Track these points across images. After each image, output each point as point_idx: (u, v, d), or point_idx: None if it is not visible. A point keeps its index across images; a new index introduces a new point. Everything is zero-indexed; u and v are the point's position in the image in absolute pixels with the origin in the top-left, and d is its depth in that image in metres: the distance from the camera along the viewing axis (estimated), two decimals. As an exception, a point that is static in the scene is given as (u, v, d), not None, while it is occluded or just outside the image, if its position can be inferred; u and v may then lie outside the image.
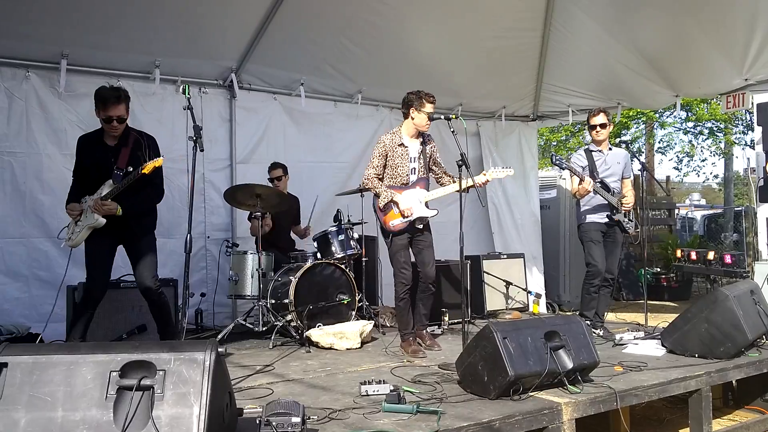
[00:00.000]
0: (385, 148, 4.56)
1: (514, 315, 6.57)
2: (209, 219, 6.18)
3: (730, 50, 5.82)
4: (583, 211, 5.25)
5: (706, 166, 14.18)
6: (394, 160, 4.57)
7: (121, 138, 4.05)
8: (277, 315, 4.96)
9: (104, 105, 3.90)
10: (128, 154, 4.00)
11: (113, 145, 4.04)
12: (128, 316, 4.73)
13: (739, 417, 4.12)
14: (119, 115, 3.94)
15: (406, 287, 4.51)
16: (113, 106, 3.91)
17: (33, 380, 2.10)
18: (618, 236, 5.26)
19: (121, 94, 3.96)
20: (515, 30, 6.40)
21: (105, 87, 4.08)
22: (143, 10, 5.13)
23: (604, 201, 5.11)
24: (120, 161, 3.99)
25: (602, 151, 5.29)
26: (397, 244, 4.55)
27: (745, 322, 3.93)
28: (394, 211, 4.53)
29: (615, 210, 5.13)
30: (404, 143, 4.61)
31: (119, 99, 3.93)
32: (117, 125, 3.97)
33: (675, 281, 9.96)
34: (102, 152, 4.02)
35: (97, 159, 4.02)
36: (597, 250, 5.13)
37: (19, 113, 5.26)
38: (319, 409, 2.88)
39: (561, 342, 3.22)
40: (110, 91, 3.98)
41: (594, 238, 5.16)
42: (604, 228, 5.19)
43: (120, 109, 3.94)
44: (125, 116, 4.00)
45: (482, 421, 2.72)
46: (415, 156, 4.63)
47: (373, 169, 4.58)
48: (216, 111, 6.29)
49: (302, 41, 6.00)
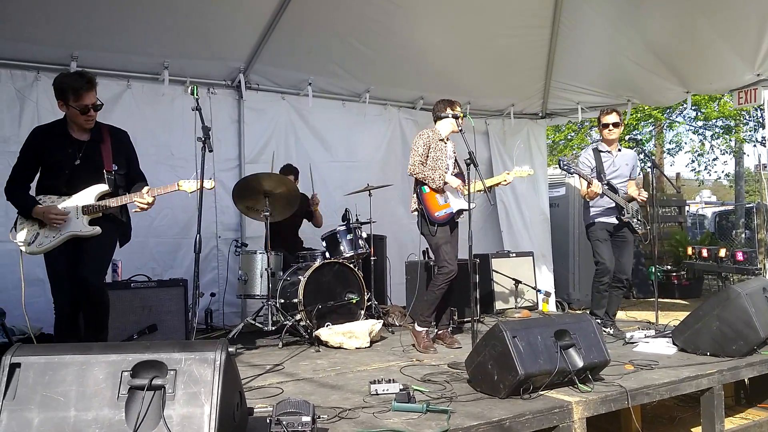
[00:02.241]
0: (428, 139, 4.67)
1: (524, 313, 6.55)
2: (220, 219, 6.21)
3: (742, 45, 5.77)
4: (592, 213, 5.26)
5: (717, 165, 14.03)
6: (436, 152, 4.66)
7: (94, 132, 3.68)
8: (286, 314, 4.97)
9: (76, 94, 3.51)
10: (110, 152, 3.67)
11: (86, 140, 3.65)
12: (139, 316, 4.75)
13: (752, 415, 4.08)
14: (94, 102, 3.58)
15: (449, 278, 4.52)
16: (87, 93, 3.54)
17: (46, 380, 2.11)
18: (629, 236, 5.26)
19: (91, 79, 3.59)
20: (524, 27, 6.38)
21: (67, 74, 3.76)
22: (152, 12, 5.16)
23: (612, 203, 5.12)
24: (105, 161, 3.64)
25: (611, 152, 5.29)
26: (441, 236, 4.60)
27: (758, 319, 3.90)
28: (439, 202, 4.61)
29: (624, 211, 5.14)
30: (443, 140, 4.74)
31: (91, 84, 3.57)
32: (94, 114, 3.62)
33: (686, 279, 9.91)
34: (73, 147, 3.60)
35: (67, 155, 3.59)
36: (604, 248, 5.16)
37: (31, 115, 5.29)
38: (329, 408, 2.88)
39: (571, 341, 3.21)
40: (79, 77, 3.59)
41: (600, 237, 5.19)
42: (611, 228, 5.21)
43: (94, 96, 3.58)
44: (100, 103, 3.64)
45: (492, 420, 2.71)
46: (450, 154, 4.78)
47: (418, 157, 4.64)
48: (224, 111, 6.32)
49: (310, 41, 6.01)
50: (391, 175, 6.96)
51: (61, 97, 3.56)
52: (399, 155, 7.29)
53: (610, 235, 5.23)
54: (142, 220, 5.67)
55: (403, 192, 6.92)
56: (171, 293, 4.88)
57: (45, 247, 3.57)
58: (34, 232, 3.59)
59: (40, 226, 3.59)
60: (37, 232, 3.59)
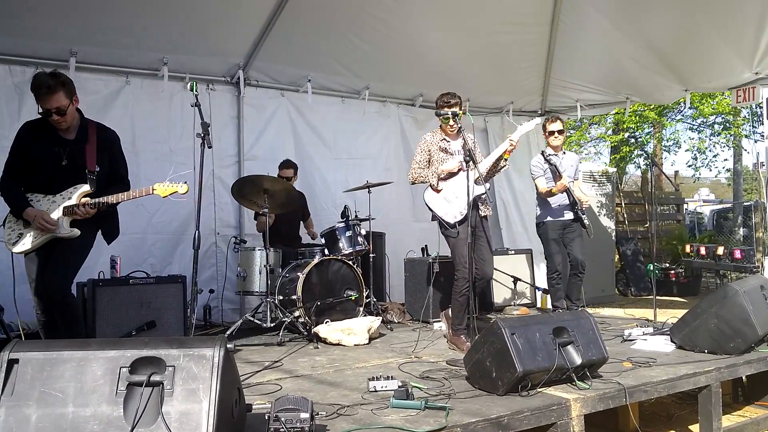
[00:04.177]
0: (427, 145, 4.64)
1: (522, 311, 6.55)
2: (218, 215, 6.21)
3: (740, 44, 5.78)
4: (541, 212, 5.73)
5: (718, 162, 14.00)
6: (438, 155, 4.61)
7: (80, 131, 3.61)
8: (285, 311, 4.97)
9: (37, 96, 3.41)
10: (95, 152, 3.60)
11: (71, 139, 3.59)
12: (137, 312, 4.75)
13: (749, 413, 4.09)
14: (57, 106, 3.43)
15: (467, 282, 4.32)
16: (46, 98, 3.40)
17: (44, 376, 2.11)
18: (579, 229, 5.65)
19: (53, 83, 3.41)
20: (523, 25, 6.38)
21: (41, 73, 3.64)
22: (151, 8, 5.15)
23: (566, 200, 5.57)
24: (88, 162, 3.57)
25: (557, 155, 5.70)
26: (454, 237, 4.46)
27: (755, 317, 3.90)
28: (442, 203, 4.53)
29: (577, 206, 5.58)
30: (446, 139, 4.67)
31: (51, 89, 3.39)
32: (58, 118, 3.48)
33: (684, 276, 9.92)
34: (59, 146, 3.56)
35: (53, 154, 3.54)
36: (555, 246, 5.63)
37: (29, 111, 5.26)
38: (328, 405, 2.88)
39: (569, 338, 3.21)
40: (43, 79, 3.44)
41: (551, 236, 5.64)
42: (562, 226, 5.63)
43: (57, 100, 3.41)
44: (66, 106, 3.46)
45: (490, 417, 2.71)
46: (458, 149, 4.62)
47: (416, 163, 4.64)
48: (224, 108, 6.32)
49: (309, 37, 6.00)
50: (391, 172, 6.97)
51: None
52: (398, 152, 7.29)
53: (563, 231, 5.63)
54: (141, 217, 5.70)
55: (402, 189, 6.92)
56: (169, 290, 4.86)
57: (27, 247, 3.54)
58: (19, 231, 3.57)
59: (25, 226, 3.57)
60: (21, 232, 3.57)
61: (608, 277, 9.23)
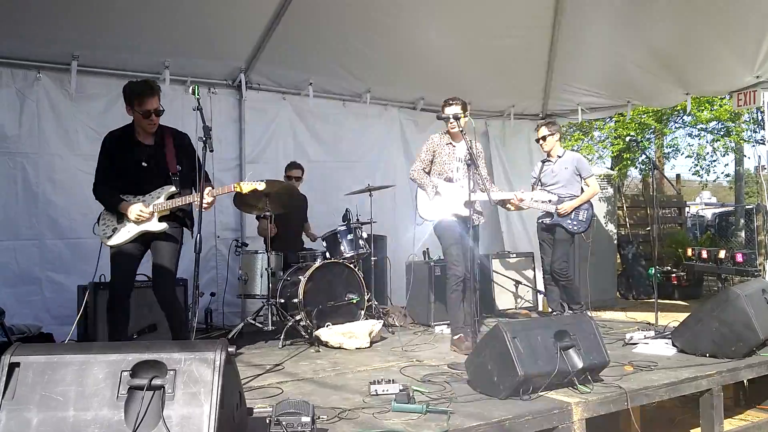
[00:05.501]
0: (434, 145, 4.72)
1: (524, 314, 6.55)
2: (219, 218, 6.20)
3: (742, 48, 5.78)
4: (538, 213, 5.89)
5: (718, 166, 13.94)
6: (442, 157, 4.70)
7: (157, 136, 3.97)
8: (286, 314, 4.97)
9: (140, 99, 3.81)
10: (173, 155, 3.95)
11: (151, 144, 3.96)
12: (139, 315, 4.74)
13: (751, 417, 4.08)
14: (156, 107, 3.86)
15: (458, 279, 4.48)
16: (149, 99, 3.82)
17: (45, 380, 2.11)
18: (562, 234, 5.57)
19: (154, 86, 3.88)
20: (524, 28, 6.38)
21: (135, 81, 3.98)
22: (153, 12, 5.16)
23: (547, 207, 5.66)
24: (170, 164, 3.92)
25: (551, 160, 5.73)
26: (445, 237, 4.61)
27: (757, 321, 3.90)
28: (431, 205, 4.62)
29: (551, 215, 5.63)
30: (452, 143, 4.73)
31: (153, 90, 3.85)
32: (156, 119, 3.90)
33: (685, 280, 9.90)
34: (141, 152, 3.92)
35: (135, 159, 3.91)
36: (543, 247, 5.81)
37: (31, 114, 5.30)
38: (329, 409, 2.88)
39: (571, 342, 3.21)
40: (143, 84, 3.88)
41: (539, 239, 5.88)
42: (547, 229, 5.72)
43: (156, 101, 3.85)
44: (161, 109, 3.92)
45: (492, 421, 2.71)
46: (461, 156, 4.65)
47: (420, 162, 4.73)
48: (225, 111, 6.32)
49: (311, 41, 6.01)
50: (392, 176, 6.96)
51: (128, 103, 3.86)
52: (399, 156, 7.29)
53: (547, 235, 5.73)
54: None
55: (403, 192, 6.92)
56: (171, 293, 4.85)
57: (120, 241, 3.88)
58: (113, 227, 3.91)
59: (118, 222, 3.90)
60: (116, 227, 3.90)
61: (609, 281, 9.21)
